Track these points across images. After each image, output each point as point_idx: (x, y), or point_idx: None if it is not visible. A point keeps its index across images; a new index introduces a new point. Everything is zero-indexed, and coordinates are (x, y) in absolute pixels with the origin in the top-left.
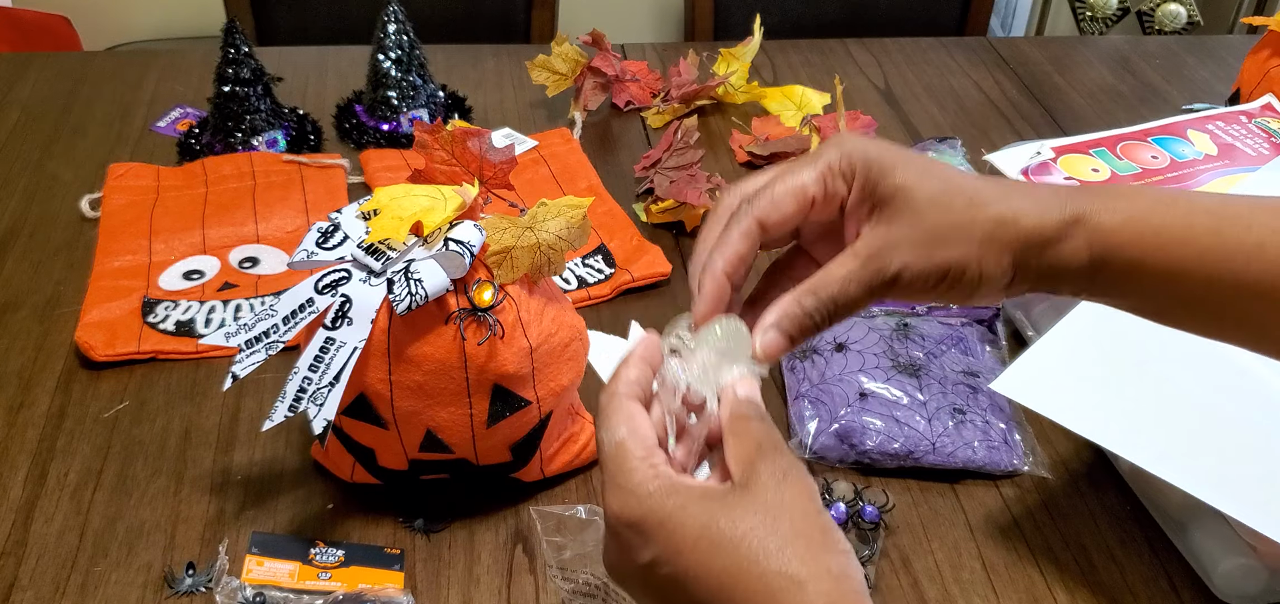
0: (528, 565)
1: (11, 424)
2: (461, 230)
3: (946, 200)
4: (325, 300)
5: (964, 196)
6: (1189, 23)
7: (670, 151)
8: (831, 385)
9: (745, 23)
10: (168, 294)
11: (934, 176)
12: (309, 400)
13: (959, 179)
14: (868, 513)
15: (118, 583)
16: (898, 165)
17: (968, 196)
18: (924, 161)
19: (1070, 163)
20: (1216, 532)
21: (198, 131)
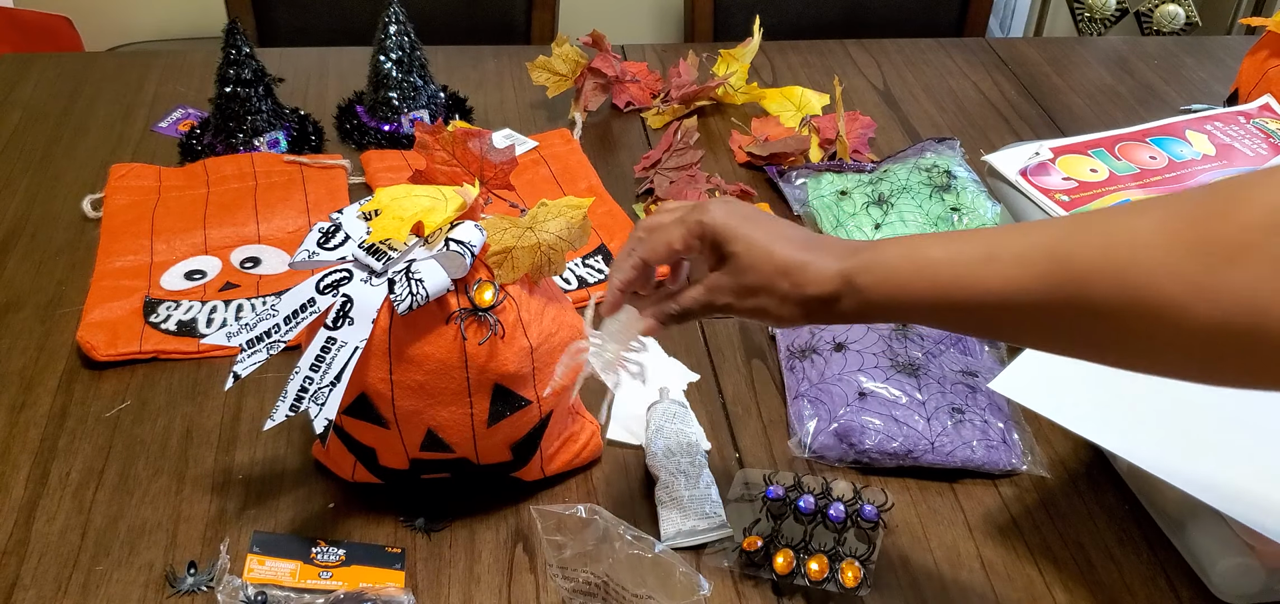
0: (528, 564)
1: (14, 424)
2: (462, 230)
3: (759, 267)
4: (327, 300)
5: (772, 266)
6: (1187, 23)
7: (670, 152)
8: (831, 385)
9: (745, 24)
10: (169, 294)
11: (758, 248)
12: (310, 400)
13: (777, 250)
14: (867, 512)
15: (119, 582)
16: (736, 237)
17: (775, 266)
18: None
19: (1069, 163)
20: (1214, 531)
21: (199, 132)
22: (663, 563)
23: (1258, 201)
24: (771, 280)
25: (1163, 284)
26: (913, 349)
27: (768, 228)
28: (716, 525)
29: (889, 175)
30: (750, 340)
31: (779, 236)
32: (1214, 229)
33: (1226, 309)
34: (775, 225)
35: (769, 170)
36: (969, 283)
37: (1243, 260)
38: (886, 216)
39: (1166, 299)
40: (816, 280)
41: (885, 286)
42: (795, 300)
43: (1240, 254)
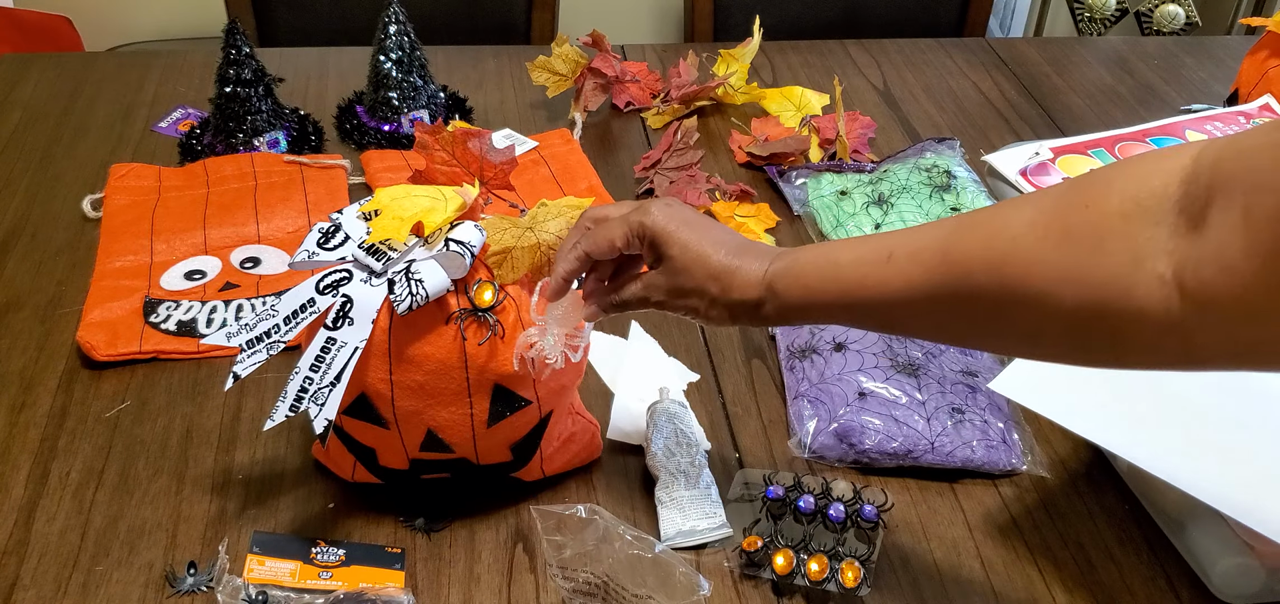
0: (528, 564)
1: (13, 424)
2: (462, 231)
3: (691, 270)
4: (326, 300)
5: (703, 270)
6: (1187, 23)
7: (670, 152)
8: (831, 385)
9: (745, 24)
10: (169, 294)
11: (691, 252)
12: (310, 400)
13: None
14: (867, 512)
15: (119, 582)
16: (672, 240)
17: (706, 270)
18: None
19: (1069, 163)
20: (1214, 531)
21: (199, 132)
22: (663, 563)
23: (1115, 191)
24: (702, 284)
25: (1034, 274)
26: (912, 349)
27: (702, 233)
28: (716, 525)
29: (889, 175)
30: (750, 340)
31: (712, 242)
32: (1077, 219)
33: (1091, 294)
34: (710, 232)
35: (769, 170)
36: (871, 282)
37: (1103, 248)
38: (886, 216)
39: (1038, 287)
40: (742, 286)
41: (799, 290)
42: (723, 303)
43: (1100, 242)
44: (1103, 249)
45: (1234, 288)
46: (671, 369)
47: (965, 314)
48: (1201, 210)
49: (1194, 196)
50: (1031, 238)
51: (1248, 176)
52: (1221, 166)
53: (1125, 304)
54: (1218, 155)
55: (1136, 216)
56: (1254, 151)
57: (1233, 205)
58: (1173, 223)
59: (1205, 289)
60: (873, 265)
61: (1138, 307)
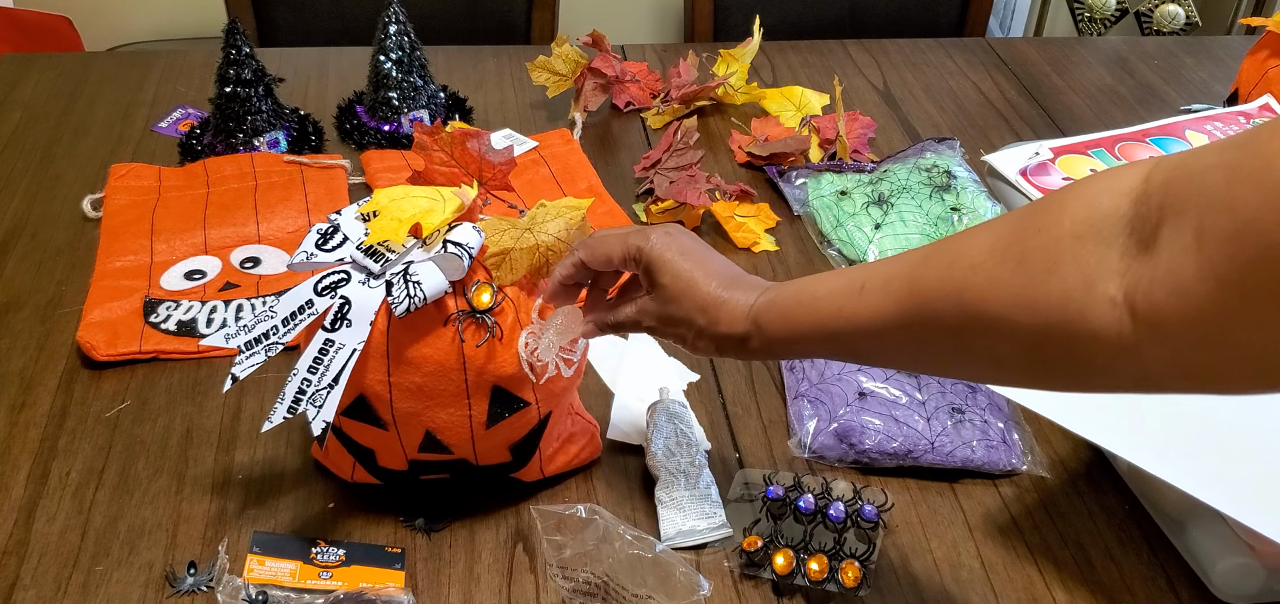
0: (528, 565)
1: (13, 424)
2: (460, 232)
3: (681, 300)
4: (325, 302)
5: (693, 301)
6: (1187, 23)
7: (670, 152)
8: (831, 385)
9: (745, 24)
10: (169, 294)
11: (682, 282)
12: (308, 402)
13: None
14: (867, 512)
15: (119, 582)
16: (666, 268)
17: (695, 301)
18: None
19: (1069, 163)
20: (1214, 531)
21: (199, 132)
22: (663, 563)
23: (1068, 213)
24: (690, 314)
25: (991, 298)
26: None
27: (696, 263)
28: (716, 525)
29: (889, 175)
30: None
31: (704, 273)
32: (1031, 243)
33: (1045, 317)
34: (704, 262)
35: (769, 170)
36: (845, 314)
37: (1056, 270)
38: (886, 216)
39: (996, 313)
40: (728, 319)
41: (781, 324)
42: (710, 335)
43: (1053, 265)
44: (1056, 272)
45: (1186, 311)
46: (671, 369)
47: (931, 342)
48: (1152, 231)
49: (1145, 217)
50: (989, 263)
51: (1199, 197)
52: (1172, 187)
53: (1079, 327)
54: (1168, 175)
55: (1089, 238)
56: (1205, 172)
57: (1184, 227)
58: (1124, 244)
59: (1156, 311)
60: (846, 296)
61: (1091, 329)
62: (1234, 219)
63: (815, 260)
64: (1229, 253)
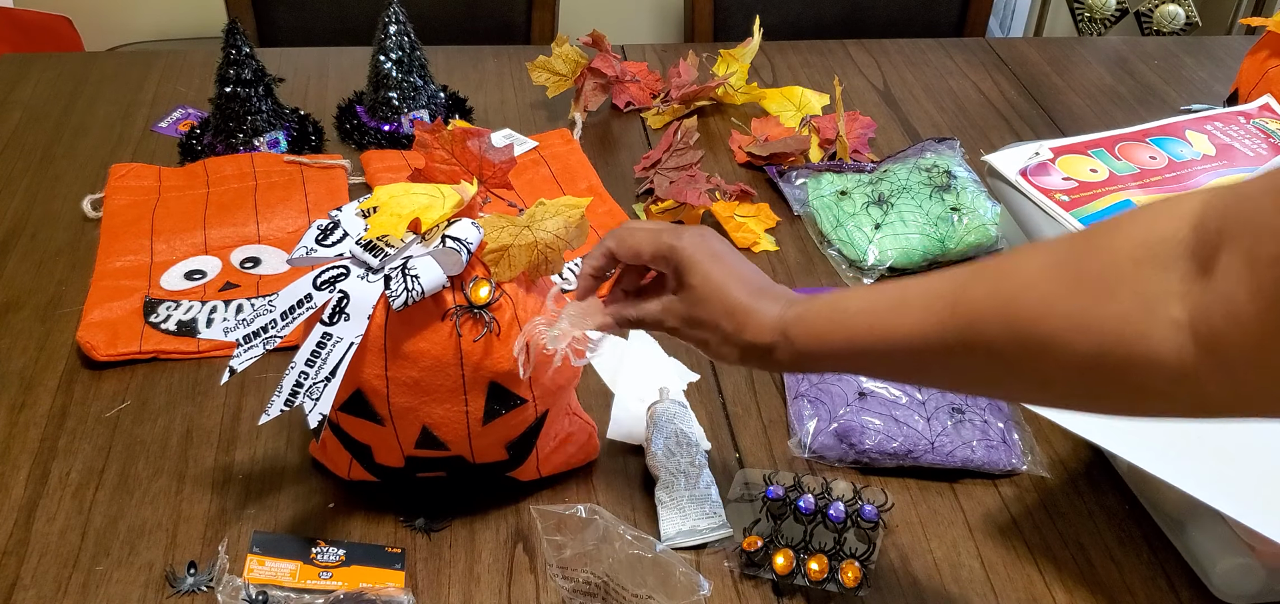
0: (528, 564)
1: (14, 424)
2: (459, 228)
3: (709, 303)
4: (323, 296)
5: (721, 305)
6: (1187, 23)
7: (670, 152)
8: (831, 384)
9: (745, 24)
10: (169, 294)
11: (712, 284)
12: (305, 395)
13: (729, 292)
14: (867, 512)
15: (119, 582)
16: (696, 269)
17: (723, 306)
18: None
19: (1069, 163)
20: (1214, 531)
21: (199, 132)
22: (663, 563)
23: (1125, 236)
24: (717, 318)
25: (1045, 320)
26: None
27: (727, 268)
28: (716, 525)
29: (889, 175)
30: None
31: (734, 278)
32: (1088, 266)
33: (1102, 340)
34: (736, 268)
35: (769, 170)
36: (882, 330)
37: (1114, 294)
38: (886, 216)
39: (1049, 333)
40: (756, 328)
41: (812, 337)
42: (735, 342)
43: (1111, 288)
44: (1114, 294)
45: (1241, 334)
46: (671, 369)
47: (976, 362)
48: (1211, 255)
49: (1205, 241)
50: (1041, 284)
51: (1251, 222)
52: (1229, 213)
53: (1138, 350)
54: (1226, 202)
55: (1148, 262)
56: (1257, 197)
57: (1238, 250)
58: (1184, 268)
59: (1214, 335)
60: (882, 312)
61: (1151, 352)
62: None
63: (815, 260)
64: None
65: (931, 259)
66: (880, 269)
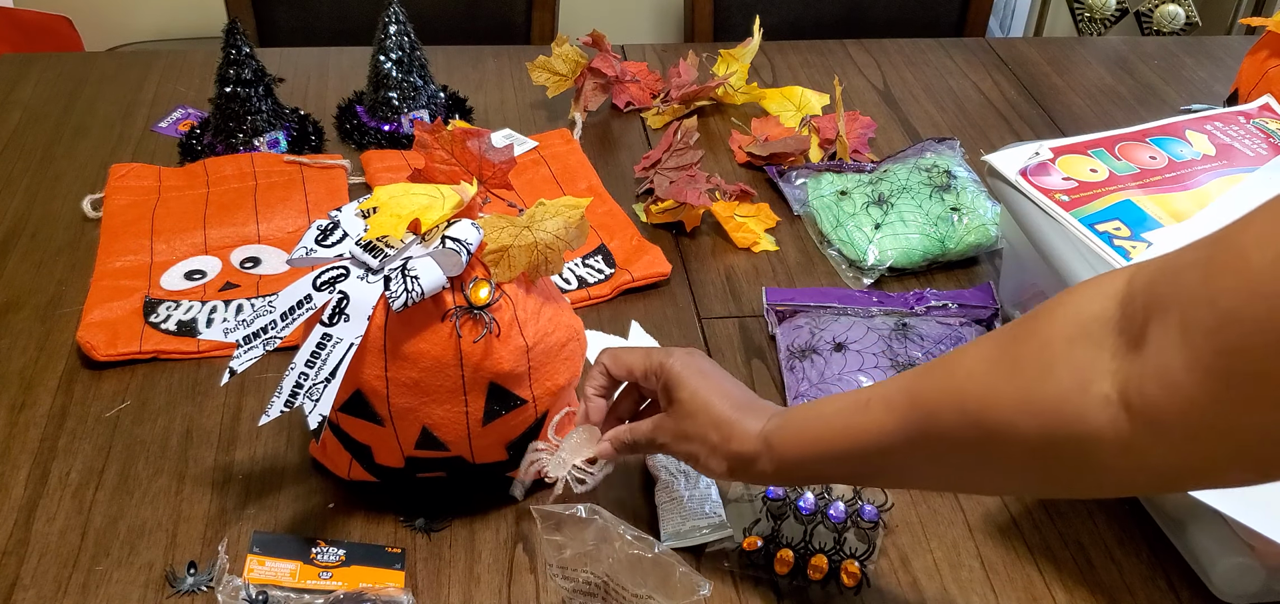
0: (528, 565)
1: (13, 424)
2: (458, 228)
3: (696, 417)
4: (323, 296)
5: (707, 418)
6: (1187, 23)
7: (670, 152)
8: (831, 384)
9: (745, 24)
10: (169, 294)
11: (699, 399)
12: (305, 396)
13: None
14: (867, 512)
15: (119, 582)
16: (684, 385)
17: (710, 418)
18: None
19: (1069, 163)
20: (1214, 531)
21: (199, 132)
22: (663, 563)
23: (1059, 318)
24: (704, 431)
25: (992, 406)
26: (913, 349)
27: (713, 384)
28: (716, 525)
29: (889, 175)
30: (750, 340)
31: (719, 393)
32: (1025, 350)
33: (1045, 420)
34: (721, 384)
35: (769, 170)
36: (852, 431)
37: (1051, 374)
38: (886, 216)
39: (997, 419)
40: (740, 439)
41: (792, 444)
42: (722, 453)
43: (1048, 369)
44: (1051, 375)
45: (1178, 403)
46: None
47: (935, 453)
48: (1140, 330)
49: (1131, 316)
50: (984, 371)
51: (1181, 293)
52: (1155, 286)
53: (1078, 428)
54: (1151, 275)
55: (1080, 341)
56: (1184, 269)
57: (1170, 322)
58: (1114, 344)
59: (1150, 407)
60: (852, 413)
61: (1090, 429)
62: (1215, 310)
63: (815, 260)
64: (1214, 344)
65: (931, 259)
66: (880, 269)
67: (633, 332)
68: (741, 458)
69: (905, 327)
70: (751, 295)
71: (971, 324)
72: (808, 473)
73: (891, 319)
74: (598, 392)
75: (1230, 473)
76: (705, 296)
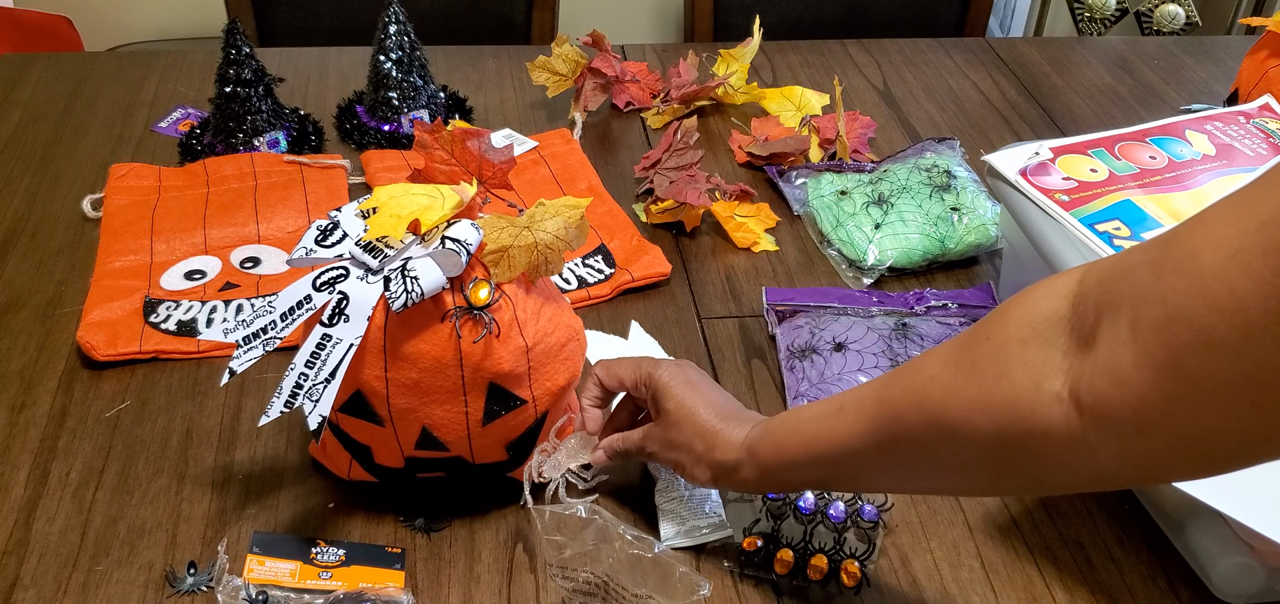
0: (528, 564)
1: (13, 424)
2: (458, 228)
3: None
4: (323, 297)
5: (692, 427)
6: (1187, 23)
7: (670, 152)
8: (830, 384)
9: (745, 24)
10: (169, 294)
11: (685, 408)
12: (305, 396)
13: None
14: (867, 512)
15: (119, 582)
16: (671, 394)
17: (695, 427)
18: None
19: (1069, 163)
20: (1214, 531)
21: (199, 132)
22: (663, 563)
23: (1013, 319)
24: (690, 440)
25: (950, 407)
26: (913, 349)
27: (699, 395)
28: (716, 525)
29: (889, 175)
30: (750, 340)
31: (704, 403)
32: (981, 352)
33: (1001, 418)
34: (706, 394)
35: (769, 170)
36: (827, 435)
37: (1005, 373)
38: (886, 216)
39: (956, 419)
40: (724, 447)
41: (773, 451)
42: (706, 461)
43: (1003, 369)
44: (1005, 374)
45: (1127, 399)
46: None
47: (903, 455)
48: (1091, 328)
49: (1083, 315)
50: (945, 373)
51: (1131, 291)
52: (1105, 285)
53: (1031, 425)
54: (1101, 275)
55: (1032, 341)
56: (1135, 269)
57: (1120, 320)
58: (1065, 343)
59: (1101, 403)
60: (827, 418)
61: (1042, 426)
62: (1164, 308)
63: (815, 260)
64: (1163, 340)
65: (931, 259)
66: (880, 269)
67: (632, 332)
68: (724, 466)
69: (905, 327)
70: (751, 295)
71: (971, 324)
72: (787, 479)
73: (891, 319)
74: (592, 401)
75: (1179, 468)
76: (705, 296)
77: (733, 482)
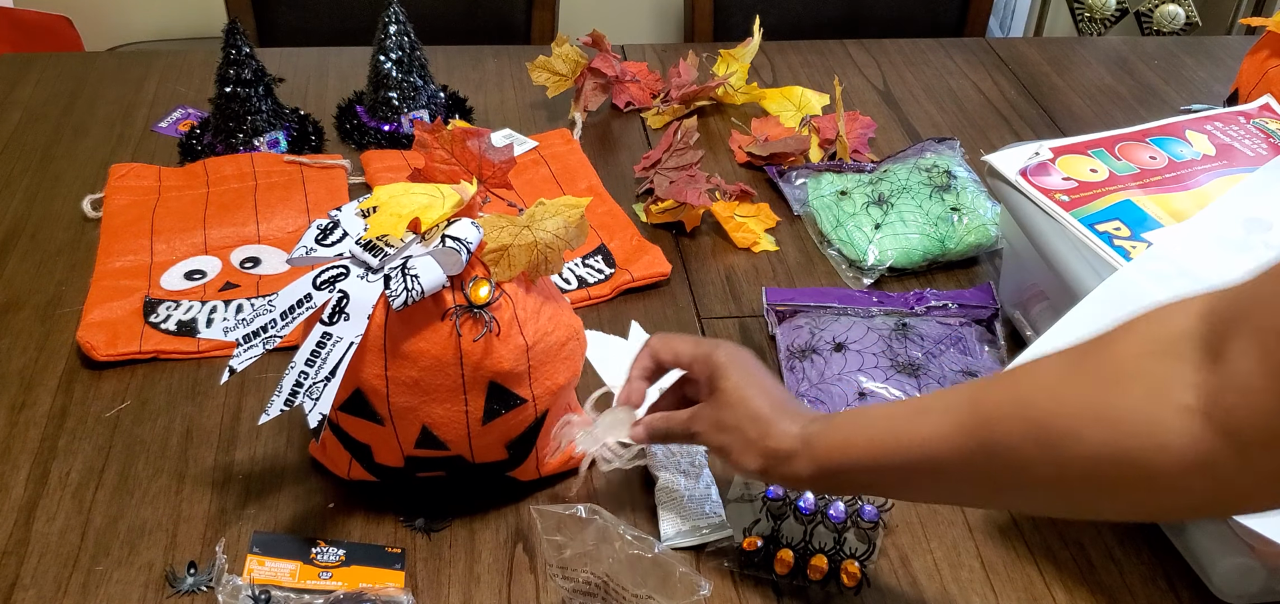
0: (528, 564)
1: (13, 424)
2: (458, 227)
3: (735, 408)
4: (323, 295)
5: (746, 411)
6: (1187, 23)
7: (670, 152)
8: (831, 385)
9: (745, 24)
10: (169, 294)
11: (740, 391)
12: (305, 395)
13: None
14: (867, 512)
15: (119, 582)
16: (729, 375)
17: (748, 412)
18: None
19: (1069, 163)
20: (1214, 531)
21: (199, 132)
22: (663, 563)
23: (1137, 335)
24: (742, 423)
25: (1059, 415)
26: (913, 349)
27: (755, 380)
28: (716, 525)
29: (889, 175)
30: (750, 340)
31: (760, 389)
32: (1100, 363)
33: (1115, 430)
34: (765, 382)
35: (769, 170)
36: (904, 436)
37: (1125, 387)
38: (886, 216)
39: (1063, 428)
40: (778, 436)
41: (835, 448)
42: (758, 448)
43: (1122, 381)
44: (1125, 387)
45: (1255, 412)
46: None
47: (995, 465)
48: (1222, 344)
49: (1215, 330)
50: (1055, 383)
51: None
52: (1238, 302)
53: (1149, 439)
54: (1236, 292)
55: (1159, 355)
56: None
57: (1248, 330)
58: (1196, 358)
59: (1228, 416)
60: (905, 419)
61: (1162, 440)
62: None
63: (815, 260)
64: None
65: (931, 259)
66: (880, 269)
67: (632, 332)
68: (777, 454)
69: (905, 327)
70: (751, 295)
71: (971, 324)
72: (847, 480)
73: (891, 319)
74: (642, 374)
75: None
76: (705, 297)
77: (783, 473)
